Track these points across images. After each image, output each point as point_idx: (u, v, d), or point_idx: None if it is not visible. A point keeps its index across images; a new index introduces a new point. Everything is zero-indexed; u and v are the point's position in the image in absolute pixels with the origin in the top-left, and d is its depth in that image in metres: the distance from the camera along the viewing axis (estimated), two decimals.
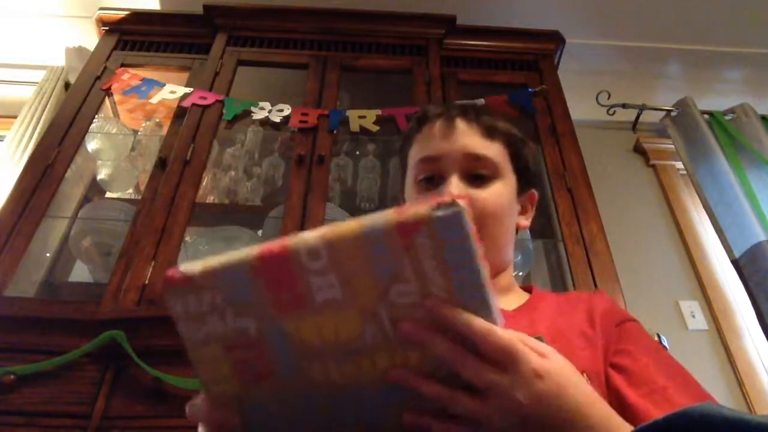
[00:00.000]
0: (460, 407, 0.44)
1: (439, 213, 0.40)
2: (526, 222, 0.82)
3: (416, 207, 0.41)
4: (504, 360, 0.43)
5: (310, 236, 0.42)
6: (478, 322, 0.43)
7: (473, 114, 0.79)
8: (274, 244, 0.44)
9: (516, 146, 0.80)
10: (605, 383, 0.64)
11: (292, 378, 0.46)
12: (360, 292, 0.42)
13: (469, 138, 0.76)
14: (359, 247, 0.41)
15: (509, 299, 0.77)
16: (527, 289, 0.82)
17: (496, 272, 0.77)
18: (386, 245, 0.41)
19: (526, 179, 0.81)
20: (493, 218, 0.74)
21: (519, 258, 1.69)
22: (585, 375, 0.57)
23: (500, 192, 0.75)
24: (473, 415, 0.43)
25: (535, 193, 0.84)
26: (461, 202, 0.41)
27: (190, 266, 0.45)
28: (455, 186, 0.73)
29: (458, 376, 0.44)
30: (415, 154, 0.79)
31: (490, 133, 0.77)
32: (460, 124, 0.77)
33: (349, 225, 0.42)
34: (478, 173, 0.75)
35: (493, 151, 0.77)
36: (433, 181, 0.76)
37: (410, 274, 0.42)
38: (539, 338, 0.47)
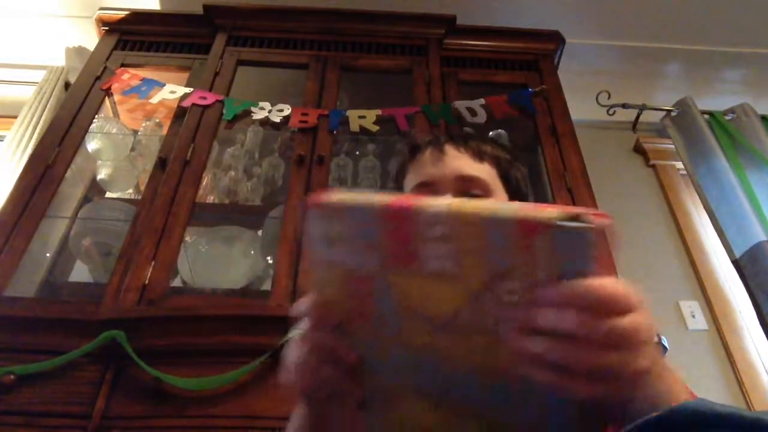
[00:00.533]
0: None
1: (564, 223, 0.37)
2: None
3: (545, 207, 0.39)
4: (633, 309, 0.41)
5: (438, 203, 0.42)
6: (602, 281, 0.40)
7: (461, 140, 0.83)
8: (405, 198, 0.44)
9: (504, 167, 0.83)
10: None
11: (386, 327, 0.47)
12: (468, 273, 0.42)
13: (459, 161, 0.80)
14: (480, 230, 0.40)
15: None
16: None
17: None
18: (506, 237, 0.39)
19: (517, 197, 0.84)
20: None
21: None
22: None
23: None
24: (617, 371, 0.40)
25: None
26: (597, 219, 0.37)
27: (333, 195, 0.46)
28: None
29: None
30: (409, 182, 0.83)
31: (478, 155, 0.81)
32: (450, 150, 0.81)
33: (477, 204, 0.41)
34: (471, 193, 0.78)
35: (483, 171, 0.80)
36: None
37: (521, 274, 0.40)
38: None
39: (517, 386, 0.44)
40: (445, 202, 0.42)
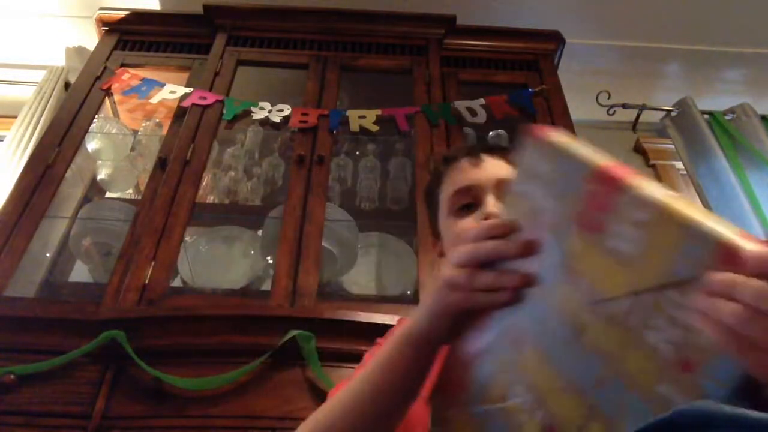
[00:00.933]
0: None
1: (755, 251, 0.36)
2: None
3: (747, 237, 0.38)
4: None
5: (649, 190, 0.41)
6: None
7: (496, 148, 0.86)
8: (620, 168, 0.43)
9: None
10: None
11: (543, 279, 0.47)
12: (645, 267, 0.41)
13: (498, 166, 0.82)
14: (678, 233, 0.39)
15: None
16: None
17: None
18: (699, 252, 0.38)
19: None
20: None
21: None
22: None
23: None
24: None
25: None
26: None
27: (558, 136, 0.47)
28: (492, 205, 0.78)
29: None
30: (447, 189, 0.85)
31: (514, 161, 0.83)
32: (486, 157, 0.84)
33: (685, 207, 0.40)
34: None
35: None
36: (470, 207, 0.81)
37: (693, 290, 0.38)
38: None
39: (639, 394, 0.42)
40: (659, 191, 0.41)
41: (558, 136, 0.47)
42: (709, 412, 0.37)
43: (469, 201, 0.81)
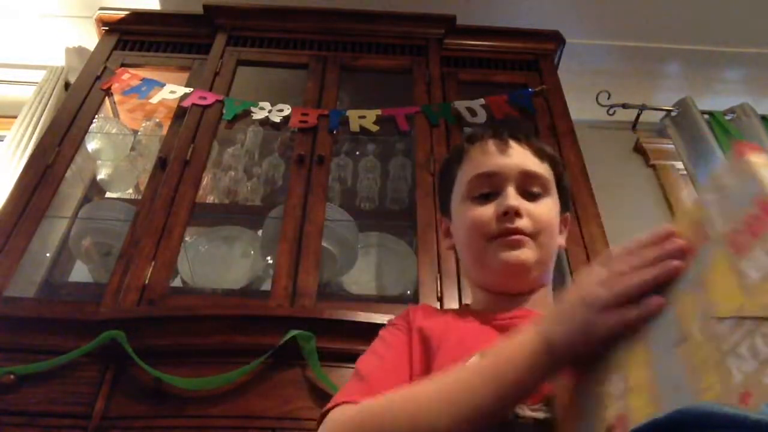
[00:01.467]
0: None
1: None
2: (562, 241, 0.86)
3: None
4: None
5: None
6: None
7: (523, 136, 0.83)
8: None
9: (559, 169, 0.84)
10: None
11: (683, 286, 0.47)
12: (760, 296, 0.40)
13: (524, 156, 0.80)
14: None
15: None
16: None
17: (543, 283, 0.81)
18: None
19: (564, 201, 0.85)
20: (547, 231, 0.78)
21: None
22: None
23: (551, 208, 0.79)
24: None
25: (568, 216, 0.89)
26: None
27: (759, 156, 0.45)
28: (513, 197, 0.76)
29: None
30: (468, 170, 0.81)
31: (540, 154, 0.81)
32: (513, 144, 0.80)
33: None
34: (531, 190, 0.78)
35: (545, 170, 0.81)
36: (489, 197, 0.78)
37: None
38: None
39: None
40: None
41: (759, 156, 0.45)
42: (710, 412, 0.36)
43: (489, 190, 0.78)
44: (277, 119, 1.83)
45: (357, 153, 2.05)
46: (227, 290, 1.65)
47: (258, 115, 1.84)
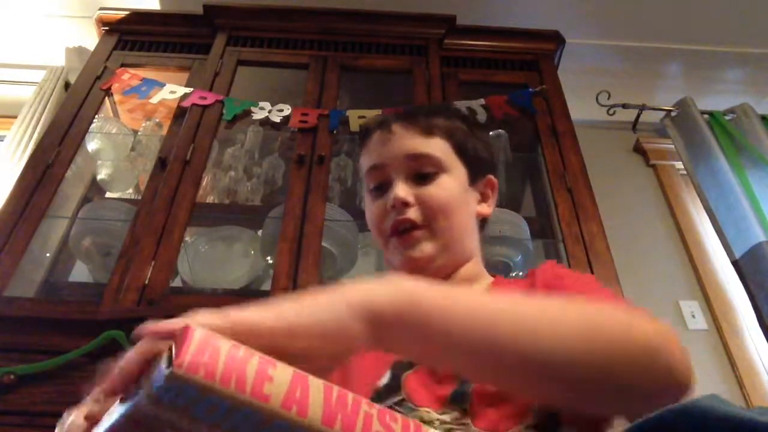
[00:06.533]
0: None
1: (154, 385, 0.35)
2: (488, 209, 0.83)
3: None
4: None
5: None
6: None
7: (410, 117, 0.81)
8: None
9: (459, 138, 0.81)
10: None
11: None
12: None
13: (407, 140, 0.78)
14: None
15: (473, 289, 0.78)
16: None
17: (459, 263, 0.79)
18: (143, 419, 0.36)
19: (478, 168, 0.82)
20: (444, 212, 0.76)
21: (519, 258, 1.69)
22: None
23: (447, 185, 0.77)
24: None
25: (492, 178, 0.85)
26: (176, 365, 0.34)
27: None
28: (401, 189, 0.75)
29: None
30: (363, 164, 0.83)
31: (428, 130, 0.80)
32: (397, 129, 0.79)
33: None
34: (422, 172, 0.77)
35: (434, 147, 0.79)
36: (382, 188, 0.79)
37: None
38: None
39: None
40: None
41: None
42: (702, 411, 0.36)
43: (379, 182, 0.78)
44: (277, 119, 1.83)
45: (357, 153, 2.04)
46: (227, 290, 1.65)
47: (258, 115, 1.84)
